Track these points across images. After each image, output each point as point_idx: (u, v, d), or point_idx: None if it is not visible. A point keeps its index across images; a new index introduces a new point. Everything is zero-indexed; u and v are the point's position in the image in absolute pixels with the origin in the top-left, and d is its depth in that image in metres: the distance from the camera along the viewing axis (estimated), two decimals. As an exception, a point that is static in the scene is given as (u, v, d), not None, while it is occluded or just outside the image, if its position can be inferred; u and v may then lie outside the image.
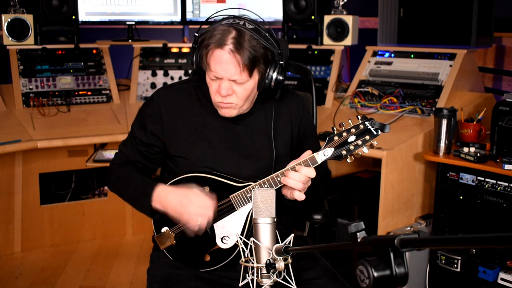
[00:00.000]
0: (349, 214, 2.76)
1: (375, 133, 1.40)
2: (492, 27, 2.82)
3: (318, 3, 3.13)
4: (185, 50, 3.37)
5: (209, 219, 1.53)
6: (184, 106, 1.69)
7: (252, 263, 1.25)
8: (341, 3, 3.16)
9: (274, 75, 1.58)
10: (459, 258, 2.33)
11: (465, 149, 2.27)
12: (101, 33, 3.65)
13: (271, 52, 1.56)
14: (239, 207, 1.56)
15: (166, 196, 1.56)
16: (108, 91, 3.19)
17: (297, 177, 1.46)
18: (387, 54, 2.95)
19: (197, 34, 1.60)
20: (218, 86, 1.55)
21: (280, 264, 1.20)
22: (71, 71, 3.16)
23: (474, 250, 2.30)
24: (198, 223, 1.52)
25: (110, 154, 2.98)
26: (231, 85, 1.54)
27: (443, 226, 2.38)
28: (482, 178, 2.23)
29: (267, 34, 1.56)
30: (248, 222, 1.54)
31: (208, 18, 1.63)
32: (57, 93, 3.06)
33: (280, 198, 1.53)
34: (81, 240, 3.36)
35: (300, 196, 1.48)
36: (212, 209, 1.53)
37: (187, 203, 1.52)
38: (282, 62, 1.59)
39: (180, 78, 3.30)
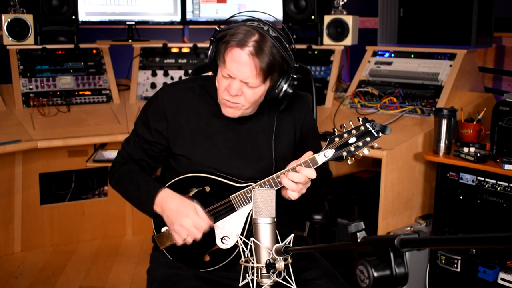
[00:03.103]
0: (349, 214, 2.76)
1: (376, 135, 1.40)
2: (492, 27, 2.82)
3: (318, 3, 3.13)
4: (185, 50, 3.36)
5: (195, 239, 1.53)
6: (188, 104, 1.68)
7: (252, 263, 1.25)
8: (341, 3, 3.16)
9: (285, 86, 1.58)
10: (459, 258, 2.33)
11: (465, 149, 2.27)
12: (101, 33, 3.65)
13: (287, 63, 1.56)
14: (239, 208, 1.56)
15: (167, 201, 1.56)
16: (108, 91, 3.19)
17: (297, 178, 1.46)
18: (387, 54, 2.95)
19: (218, 28, 1.59)
20: (228, 84, 1.53)
21: (280, 264, 1.20)
22: (71, 71, 3.16)
23: (474, 250, 2.30)
24: (184, 239, 1.53)
25: (110, 154, 2.98)
26: (242, 87, 1.53)
27: (443, 226, 2.38)
28: (482, 178, 2.23)
29: (287, 45, 1.55)
30: (248, 222, 1.54)
31: (232, 16, 1.61)
32: (57, 93, 3.06)
33: (280, 199, 1.53)
34: (81, 240, 3.35)
35: (293, 196, 1.48)
36: (202, 232, 1.52)
37: (183, 215, 1.52)
38: (295, 76, 1.59)
39: (180, 78, 3.30)
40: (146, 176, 1.67)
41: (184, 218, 1.51)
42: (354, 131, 1.42)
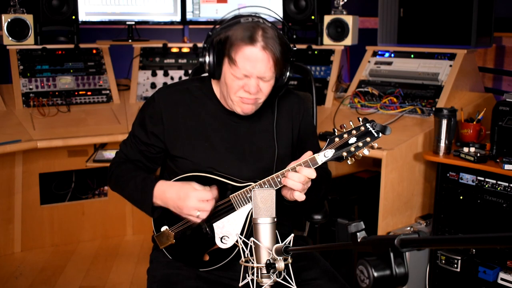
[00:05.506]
0: (349, 214, 2.76)
1: (376, 135, 1.40)
2: (492, 27, 2.82)
3: (318, 3, 3.13)
4: (185, 50, 3.36)
5: (208, 213, 1.53)
6: (185, 106, 1.68)
7: (252, 263, 1.25)
8: (341, 3, 3.16)
9: (288, 72, 1.61)
10: (459, 258, 2.33)
11: (465, 149, 2.27)
12: (101, 33, 3.65)
13: (287, 46, 1.58)
14: (239, 207, 1.56)
15: (165, 192, 1.57)
16: (108, 91, 3.19)
17: (297, 178, 1.46)
18: (387, 54, 2.95)
19: (210, 33, 1.59)
20: (244, 83, 1.54)
21: (280, 264, 1.20)
22: (71, 71, 3.16)
23: (474, 250, 2.29)
24: (197, 216, 1.52)
25: (110, 154, 2.98)
26: (258, 82, 1.54)
27: (443, 226, 2.38)
28: (482, 178, 2.23)
29: (280, 32, 1.57)
30: (248, 222, 1.54)
31: (223, 17, 1.61)
32: (57, 93, 3.06)
33: (280, 199, 1.53)
34: (81, 240, 3.36)
35: (300, 197, 1.48)
36: (211, 203, 1.53)
37: (185, 197, 1.52)
38: (294, 59, 1.61)
39: (180, 78, 3.30)
40: (143, 173, 1.68)
41: (187, 200, 1.51)
42: (354, 131, 1.42)
